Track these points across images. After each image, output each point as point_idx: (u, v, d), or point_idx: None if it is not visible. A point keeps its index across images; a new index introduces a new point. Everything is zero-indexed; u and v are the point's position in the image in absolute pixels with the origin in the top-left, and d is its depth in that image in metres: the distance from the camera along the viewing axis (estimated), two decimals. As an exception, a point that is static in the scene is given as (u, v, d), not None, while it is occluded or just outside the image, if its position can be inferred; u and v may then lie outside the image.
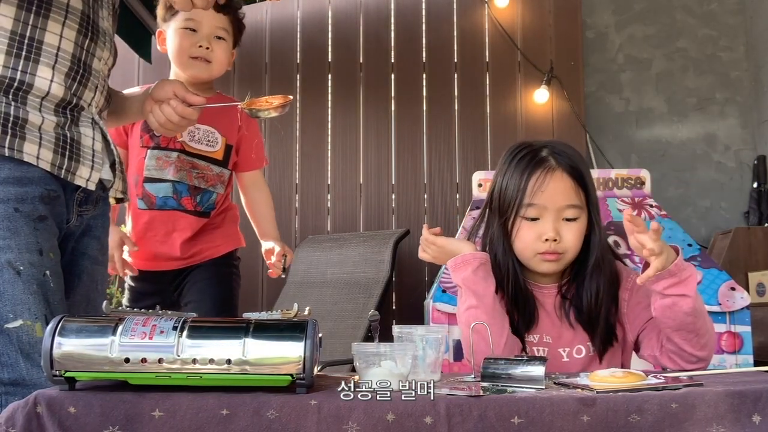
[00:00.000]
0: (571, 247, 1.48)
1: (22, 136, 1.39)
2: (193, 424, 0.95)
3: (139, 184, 2.09)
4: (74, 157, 1.47)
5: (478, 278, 1.46)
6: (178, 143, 2.08)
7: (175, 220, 2.10)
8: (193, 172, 2.10)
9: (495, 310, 1.45)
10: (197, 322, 1.05)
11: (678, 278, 1.33)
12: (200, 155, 2.11)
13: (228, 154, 2.15)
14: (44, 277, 1.37)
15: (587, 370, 1.48)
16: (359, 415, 0.95)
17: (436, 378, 1.23)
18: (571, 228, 1.48)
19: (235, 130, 2.16)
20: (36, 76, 1.42)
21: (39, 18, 1.42)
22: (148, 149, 2.09)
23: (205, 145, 2.11)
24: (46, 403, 0.96)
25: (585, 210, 1.49)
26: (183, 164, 2.09)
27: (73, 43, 1.47)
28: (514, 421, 0.96)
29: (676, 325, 1.37)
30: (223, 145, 2.14)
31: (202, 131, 2.11)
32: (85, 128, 1.52)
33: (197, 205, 2.12)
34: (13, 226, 1.35)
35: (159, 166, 2.08)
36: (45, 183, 1.41)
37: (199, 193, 2.11)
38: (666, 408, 0.98)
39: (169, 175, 2.08)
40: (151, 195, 2.09)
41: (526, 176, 1.47)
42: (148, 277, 2.16)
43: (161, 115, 1.62)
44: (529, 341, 1.52)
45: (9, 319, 1.32)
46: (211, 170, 2.13)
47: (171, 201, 2.09)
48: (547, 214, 1.46)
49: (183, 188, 2.09)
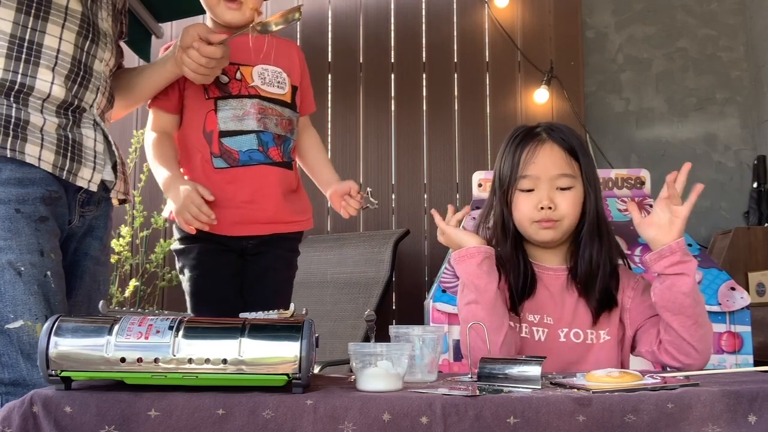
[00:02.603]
0: (566, 215, 1.52)
1: (24, 137, 1.39)
2: (189, 424, 0.95)
3: (214, 141, 1.82)
4: (76, 158, 1.48)
5: (482, 272, 1.46)
6: (252, 88, 1.85)
7: (264, 175, 1.84)
8: (274, 119, 1.87)
9: (495, 307, 1.45)
10: (193, 321, 1.05)
11: (679, 257, 1.39)
12: (274, 99, 1.89)
13: (294, 96, 1.94)
14: (45, 277, 1.37)
15: (584, 359, 1.49)
16: (355, 415, 0.95)
17: (432, 378, 1.23)
18: (565, 196, 1.53)
19: (297, 69, 1.98)
20: (36, 79, 1.42)
21: (38, 21, 1.42)
22: (216, 100, 1.83)
23: (276, 87, 1.90)
24: (42, 402, 0.97)
25: (579, 180, 1.54)
26: (264, 111, 1.85)
27: (73, 45, 1.47)
28: (510, 421, 0.96)
29: (675, 308, 1.40)
30: (290, 87, 1.93)
31: (271, 72, 1.90)
32: (87, 129, 1.52)
33: (283, 155, 1.88)
34: (14, 227, 1.36)
35: (237, 116, 1.83)
36: (47, 184, 1.41)
37: (282, 141, 1.88)
38: (662, 408, 0.98)
39: (252, 125, 1.83)
40: (233, 150, 1.82)
41: (520, 150, 1.56)
42: (221, 239, 1.83)
43: (190, 61, 1.64)
44: (530, 321, 1.54)
45: (10, 319, 1.33)
46: (286, 115, 1.91)
47: (257, 154, 1.83)
48: (541, 184, 1.53)
49: (268, 138, 1.85)
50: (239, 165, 1.82)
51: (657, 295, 1.42)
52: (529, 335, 1.53)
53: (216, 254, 1.84)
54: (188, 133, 1.85)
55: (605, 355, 1.51)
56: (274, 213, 1.86)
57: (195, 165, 1.83)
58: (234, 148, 1.82)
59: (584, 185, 1.55)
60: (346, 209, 1.92)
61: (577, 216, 1.54)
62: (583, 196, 1.55)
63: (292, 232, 1.93)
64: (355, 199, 1.90)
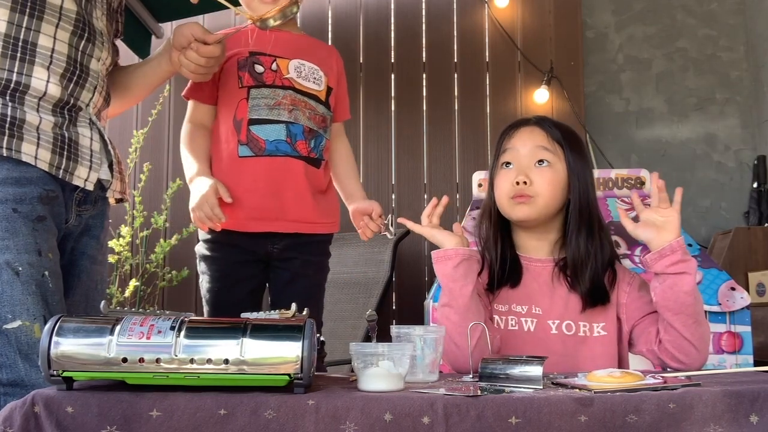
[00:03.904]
0: (541, 192, 1.52)
1: (20, 136, 1.39)
2: (190, 424, 0.95)
3: (243, 128, 1.80)
4: (72, 157, 1.47)
5: (457, 275, 1.44)
6: (286, 80, 1.84)
7: (288, 167, 1.80)
8: (306, 112, 1.85)
9: (468, 311, 1.44)
10: (195, 322, 1.05)
11: (680, 255, 1.39)
12: (309, 93, 1.87)
13: (328, 95, 1.94)
14: (43, 277, 1.37)
15: (578, 353, 1.49)
16: (357, 415, 0.95)
17: (434, 378, 1.23)
18: (542, 172, 1.53)
19: (335, 72, 1.98)
20: (32, 77, 1.42)
21: (33, 20, 1.42)
22: (250, 89, 1.82)
23: (312, 82, 1.89)
24: (44, 402, 0.96)
25: (561, 162, 1.55)
26: (296, 103, 1.84)
27: (68, 44, 1.47)
28: (511, 421, 0.96)
29: (677, 308, 1.39)
30: (326, 85, 1.92)
31: (308, 68, 1.89)
32: (83, 128, 1.52)
33: (311, 150, 1.85)
34: (11, 227, 1.35)
35: (268, 105, 1.81)
36: (43, 183, 1.41)
37: (313, 136, 1.86)
38: (663, 408, 0.98)
39: (283, 115, 1.81)
40: (260, 139, 1.79)
41: (506, 129, 1.61)
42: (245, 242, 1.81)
43: (189, 62, 1.63)
44: (517, 312, 1.53)
45: (7, 319, 1.32)
46: (319, 111, 1.89)
47: (284, 145, 1.81)
48: (519, 157, 1.55)
49: (298, 130, 1.83)
50: (265, 155, 1.79)
51: (658, 295, 1.42)
52: (518, 326, 1.53)
53: (239, 267, 1.82)
54: (220, 122, 1.84)
55: (601, 349, 1.50)
56: (298, 210, 1.82)
57: (222, 154, 1.82)
58: (261, 136, 1.80)
59: (568, 173, 1.55)
60: (363, 231, 1.91)
61: (555, 197, 1.53)
62: (567, 182, 1.55)
63: (318, 234, 1.89)
64: (375, 222, 1.89)
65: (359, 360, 1.08)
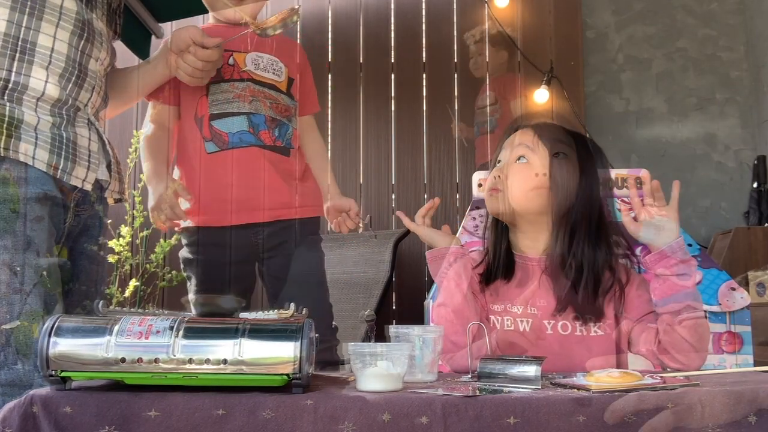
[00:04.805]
0: (509, 185, 1.51)
1: (18, 136, 1.39)
2: (188, 424, 0.95)
3: (205, 125, 1.82)
4: (70, 157, 1.47)
5: (451, 275, 1.45)
6: (244, 72, 1.86)
7: (254, 157, 1.82)
8: (267, 102, 1.86)
9: (463, 310, 1.44)
10: (193, 322, 1.05)
11: (680, 256, 1.40)
12: (269, 84, 1.89)
13: (290, 86, 1.94)
14: (41, 277, 1.37)
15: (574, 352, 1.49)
16: (355, 415, 0.95)
17: (432, 378, 1.23)
18: (516, 168, 1.52)
19: (295, 63, 1.97)
20: (30, 77, 1.42)
21: (32, 20, 1.42)
22: (208, 85, 1.84)
23: (271, 73, 1.89)
24: (42, 402, 0.96)
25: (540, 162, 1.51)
26: (255, 94, 1.85)
27: (67, 44, 1.47)
28: (510, 421, 0.96)
29: (677, 308, 1.39)
30: (287, 76, 1.93)
31: (266, 59, 1.90)
32: (81, 129, 1.52)
33: (276, 139, 1.86)
34: (9, 227, 1.35)
35: (227, 99, 1.83)
36: (41, 183, 1.41)
37: (276, 125, 1.86)
38: (662, 408, 0.97)
39: (243, 107, 1.83)
40: (222, 133, 1.81)
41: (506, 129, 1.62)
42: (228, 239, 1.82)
43: (186, 65, 1.64)
44: (513, 312, 1.53)
45: (6, 320, 1.33)
46: (281, 100, 1.89)
47: (247, 136, 1.82)
48: (506, 156, 1.55)
49: (260, 120, 1.84)
50: (229, 147, 1.81)
51: (658, 296, 1.42)
52: (514, 327, 1.52)
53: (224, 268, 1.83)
54: (184, 121, 1.85)
55: (598, 349, 1.49)
56: (273, 198, 1.83)
57: (189, 152, 1.83)
58: (223, 130, 1.82)
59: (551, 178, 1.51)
60: (339, 225, 1.95)
61: (524, 193, 1.51)
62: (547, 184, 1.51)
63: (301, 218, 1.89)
64: (353, 220, 1.93)
65: (357, 360, 1.08)
